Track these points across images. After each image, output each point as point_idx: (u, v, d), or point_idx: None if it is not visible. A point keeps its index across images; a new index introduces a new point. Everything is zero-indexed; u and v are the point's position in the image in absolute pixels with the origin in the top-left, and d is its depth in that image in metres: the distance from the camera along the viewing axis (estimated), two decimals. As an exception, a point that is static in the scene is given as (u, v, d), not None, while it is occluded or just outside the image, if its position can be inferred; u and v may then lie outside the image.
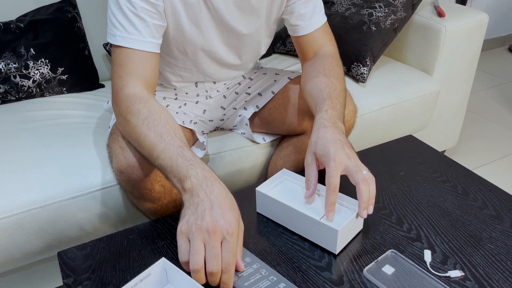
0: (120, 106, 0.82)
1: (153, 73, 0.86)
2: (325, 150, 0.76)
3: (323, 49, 0.99)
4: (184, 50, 0.96)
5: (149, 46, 0.83)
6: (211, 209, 0.65)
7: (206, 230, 0.64)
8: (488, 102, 2.31)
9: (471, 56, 1.55)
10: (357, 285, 0.68)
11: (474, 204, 0.84)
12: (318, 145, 0.77)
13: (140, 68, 0.83)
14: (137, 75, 0.83)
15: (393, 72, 1.50)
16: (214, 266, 0.63)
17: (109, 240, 0.78)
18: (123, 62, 0.83)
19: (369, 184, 0.74)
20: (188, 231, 0.65)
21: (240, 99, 1.15)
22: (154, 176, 0.87)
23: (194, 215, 0.66)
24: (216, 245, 0.63)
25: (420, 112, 1.48)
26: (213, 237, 0.63)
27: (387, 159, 0.99)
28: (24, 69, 1.25)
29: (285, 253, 0.74)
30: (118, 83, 0.83)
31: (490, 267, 0.71)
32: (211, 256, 0.63)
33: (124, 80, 0.82)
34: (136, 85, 0.82)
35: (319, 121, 0.81)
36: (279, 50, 1.62)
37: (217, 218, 0.64)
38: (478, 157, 1.87)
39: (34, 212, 0.96)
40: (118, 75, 0.83)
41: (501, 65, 2.73)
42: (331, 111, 0.83)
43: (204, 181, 0.68)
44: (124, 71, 0.83)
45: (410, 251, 0.74)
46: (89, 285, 0.69)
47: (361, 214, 0.73)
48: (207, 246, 0.64)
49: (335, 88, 0.88)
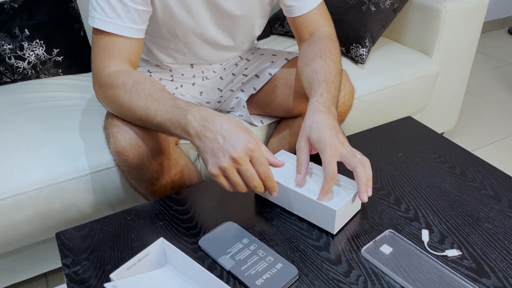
0: (104, 85, 0.81)
1: (136, 55, 0.85)
2: (320, 136, 0.75)
3: (319, 30, 0.98)
4: (174, 33, 0.95)
5: (128, 31, 0.82)
6: (225, 141, 0.68)
7: (232, 161, 0.67)
8: (487, 84, 2.30)
9: (471, 37, 1.54)
10: (355, 265, 0.68)
11: (472, 185, 0.85)
12: (312, 130, 0.76)
13: (123, 52, 0.83)
14: (120, 57, 0.82)
15: (392, 54, 1.49)
16: (255, 183, 0.69)
17: (107, 221, 0.78)
18: (106, 46, 0.82)
19: (365, 167, 0.74)
20: (220, 172, 0.68)
21: (237, 81, 1.13)
22: (152, 156, 0.86)
23: (214, 155, 0.68)
24: (248, 167, 0.67)
25: (419, 94, 1.47)
26: (241, 163, 0.67)
27: (386, 140, 0.98)
28: (19, 50, 1.24)
29: (283, 233, 0.75)
30: (99, 66, 0.82)
31: (487, 246, 0.71)
32: (248, 177, 0.68)
33: (106, 62, 0.82)
34: (118, 64, 0.82)
35: (313, 105, 0.80)
36: (277, 31, 1.61)
37: (235, 145, 0.67)
38: (477, 139, 1.87)
39: (31, 194, 0.96)
40: (100, 58, 0.82)
41: (500, 47, 2.71)
42: (326, 94, 0.82)
43: (204, 120, 0.70)
44: (106, 54, 0.82)
45: (408, 231, 0.74)
46: (87, 265, 0.69)
47: (362, 198, 0.73)
48: (241, 172, 0.68)
49: (330, 71, 0.86)
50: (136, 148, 0.84)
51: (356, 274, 0.67)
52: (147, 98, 0.77)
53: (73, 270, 0.69)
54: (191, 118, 0.71)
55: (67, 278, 0.67)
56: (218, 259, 0.69)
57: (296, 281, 0.66)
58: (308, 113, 0.80)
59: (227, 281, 0.66)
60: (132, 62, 0.84)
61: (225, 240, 0.72)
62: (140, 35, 0.84)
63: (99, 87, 0.83)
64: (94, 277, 0.67)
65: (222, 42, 1.01)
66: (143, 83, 0.78)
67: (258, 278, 0.65)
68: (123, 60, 0.83)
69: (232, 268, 0.67)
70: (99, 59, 0.83)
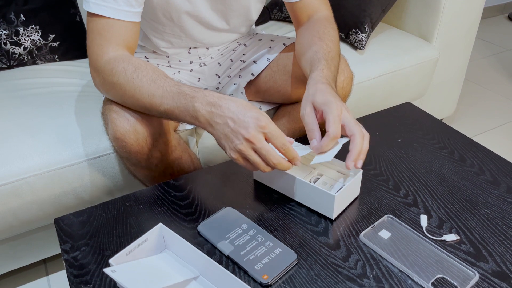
0: (103, 72, 0.80)
1: (133, 40, 0.84)
2: (325, 98, 0.73)
3: (317, 14, 0.97)
4: (170, 16, 0.94)
5: (124, 15, 0.80)
6: (235, 124, 0.67)
7: (247, 142, 0.67)
8: (486, 70, 2.29)
9: (471, 22, 1.53)
10: (354, 250, 0.69)
11: (471, 170, 0.85)
12: (317, 95, 0.75)
13: (120, 36, 0.81)
14: (117, 42, 0.81)
15: (391, 39, 1.48)
16: (274, 160, 0.67)
17: (105, 207, 0.78)
18: (102, 30, 0.80)
19: (364, 139, 0.72)
20: (238, 155, 0.68)
21: (235, 67, 1.13)
22: (151, 142, 0.86)
23: (228, 140, 0.68)
24: (262, 145, 0.67)
25: (419, 79, 1.47)
26: (256, 142, 0.66)
27: (385, 126, 0.98)
28: (14, 36, 1.22)
29: (282, 218, 0.75)
30: (97, 51, 0.81)
31: (486, 231, 0.71)
32: (265, 155, 0.67)
33: (104, 48, 0.80)
34: (117, 50, 0.81)
35: (315, 78, 0.79)
36: (275, 16, 1.59)
37: (247, 125, 0.67)
38: (476, 125, 1.86)
39: (29, 180, 0.96)
40: (97, 43, 0.81)
41: (500, 34, 2.70)
42: (327, 71, 0.81)
43: (212, 106, 0.70)
44: (103, 39, 0.80)
45: (406, 216, 0.75)
46: (86, 251, 0.69)
47: (348, 164, 0.71)
48: (257, 151, 0.67)
49: (329, 51, 0.86)
50: (135, 134, 0.83)
51: (355, 258, 0.67)
52: (150, 85, 0.75)
53: (72, 255, 0.69)
54: (199, 105, 0.70)
55: (66, 264, 0.67)
56: (217, 244, 0.69)
57: (295, 265, 0.66)
58: (309, 85, 0.78)
59: (226, 266, 0.66)
60: (130, 46, 0.83)
61: (224, 226, 0.72)
62: (137, 18, 0.83)
63: (98, 73, 0.82)
64: (93, 262, 0.67)
65: (217, 25, 1.00)
66: (144, 69, 0.77)
67: (257, 263, 0.65)
68: (120, 45, 0.81)
69: (231, 253, 0.67)
70: (96, 44, 0.81)
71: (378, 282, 0.63)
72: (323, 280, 0.64)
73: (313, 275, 0.65)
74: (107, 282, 0.64)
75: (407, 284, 0.63)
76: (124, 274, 0.59)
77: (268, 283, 0.63)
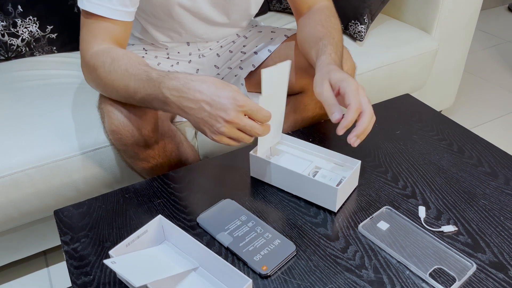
0: (88, 67, 0.80)
1: (124, 36, 0.83)
2: (341, 75, 0.73)
3: (318, 4, 0.97)
4: (169, 12, 0.93)
5: (118, 14, 0.80)
6: (212, 107, 0.66)
7: (228, 124, 0.66)
8: (486, 62, 2.28)
9: (471, 13, 1.52)
10: (352, 241, 0.69)
11: (469, 162, 0.85)
12: (332, 73, 0.74)
13: (109, 33, 0.81)
14: (104, 38, 0.80)
15: (391, 31, 1.47)
16: (258, 132, 0.68)
17: (105, 199, 0.78)
18: (92, 28, 0.80)
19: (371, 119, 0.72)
20: (221, 136, 0.68)
21: (236, 58, 1.12)
22: (147, 134, 0.86)
23: (207, 123, 0.67)
24: (246, 122, 0.66)
25: (418, 71, 1.46)
26: (237, 121, 0.66)
27: (384, 117, 0.98)
28: (12, 27, 1.22)
29: (281, 210, 0.75)
30: (84, 47, 0.81)
31: (483, 222, 0.72)
32: (249, 130, 0.67)
33: (90, 43, 0.80)
34: (101, 44, 0.80)
35: (325, 60, 0.78)
36: (275, 7, 1.58)
37: (225, 107, 0.65)
38: (475, 117, 1.87)
39: (29, 172, 0.96)
40: (86, 39, 0.81)
41: (500, 25, 2.69)
42: (334, 55, 0.80)
43: (180, 92, 0.68)
44: (92, 35, 0.80)
45: (405, 207, 0.75)
46: (86, 242, 0.70)
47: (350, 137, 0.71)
48: (241, 129, 0.67)
49: (333, 37, 0.86)
50: (131, 127, 0.83)
51: (353, 250, 0.67)
52: (124, 74, 0.75)
53: (72, 247, 0.69)
54: (166, 91, 0.69)
55: (66, 255, 0.68)
56: (216, 235, 0.69)
57: (294, 257, 0.67)
58: (321, 66, 0.77)
59: (226, 257, 0.67)
60: (119, 42, 0.82)
61: (223, 217, 0.72)
62: (130, 18, 0.82)
63: (85, 69, 0.82)
64: (93, 254, 0.68)
65: (217, 20, 1.00)
66: (120, 60, 0.76)
67: (256, 254, 0.66)
68: (106, 40, 0.81)
69: (231, 244, 0.67)
70: (84, 40, 0.81)
71: (376, 273, 0.64)
72: (322, 271, 0.64)
73: (312, 266, 0.65)
74: (107, 273, 0.65)
75: (405, 275, 0.64)
76: (124, 265, 0.59)
77: (267, 274, 0.63)
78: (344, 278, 0.63)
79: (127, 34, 0.84)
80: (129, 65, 0.75)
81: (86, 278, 0.64)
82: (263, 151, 0.80)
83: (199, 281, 0.63)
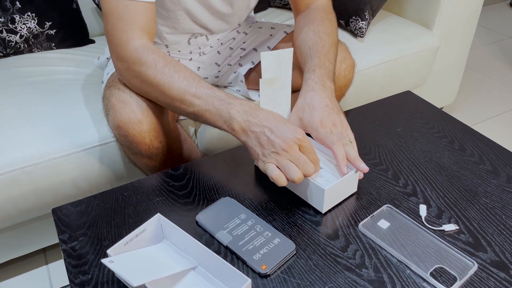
0: (129, 60, 0.78)
1: (153, 23, 0.82)
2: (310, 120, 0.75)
3: (315, 3, 0.97)
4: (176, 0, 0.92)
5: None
6: (273, 133, 0.69)
7: (283, 150, 0.68)
8: (487, 58, 2.27)
9: (472, 9, 1.51)
10: (352, 239, 0.68)
11: (471, 159, 0.84)
12: (305, 113, 0.76)
13: (142, 20, 0.79)
14: (141, 27, 0.79)
15: (392, 27, 1.46)
16: (309, 170, 0.68)
17: (103, 197, 0.78)
18: (123, 14, 0.78)
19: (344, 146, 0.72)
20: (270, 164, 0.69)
21: (235, 55, 1.11)
22: (153, 133, 0.85)
23: (263, 148, 0.69)
24: (299, 155, 0.68)
25: (419, 67, 1.46)
26: (291, 151, 0.68)
27: (385, 115, 0.97)
28: (10, 24, 1.21)
29: (281, 208, 0.74)
30: (121, 37, 0.78)
31: (485, 220, 0.71)
32: (301, 164, 0.68)
33: (129, 33, 0.78)
34: (142, 37, 0.79)
35: (307, 82, 0.80)
36: (275, 3, 1.57)
37: (283, 135, 0.68)
38: (476, 113, 1.86)
39: (27, 170, 0.95)
40: (120, 28, 0.78)
41: (501, 21, 2.67)
42: (319, 70, 0.81)
43: (248, 115, 0.71)
44: (126, 23, 0.78)
45: (405, 206, 0.74)
46: (84, 241, 0.69)
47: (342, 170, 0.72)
48: (293, 160, 0.68)
49: (323, 45, 0.85)
50: (139, 125, 0.83)
51: (354, 248, 0.67)
52: (182, 82, 0.75)
53: (70, 245, 0.68)
54: (235, 112, 0.71)
55: (64, 254, 0.67)
56: (215, 234, 0.69)
57: (294, 255, 0.66)
58: (301, 92, 0.79)
59: (225, 256, 0.66)
60: (151, 32, 0.81)
61: (223, 216, 0.71)
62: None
63: (121, 60, 0.79)
64: (91, 252, 0.67)
65: (221, 9, 0.99)
66: (176, 65, 0.76)
67: (256, 253, 0.65)
68: (144, 30, 0.79)
69: (230, 243, 0.67)
70: (118, 30, 0.78)
71: (377, 272, 0.63)
72: (322, 270, 0.64)
73: (311, 265, 0.65)
74: (105, 272, 0.64)
75: (405, 274, 0.63)
76: (122, 264, 0.58)
77: (266, 273, 0.63)
78: (344, 277, 0.63)
79: (155, 20, 0.83)
80: (188, 74, 0.76)
81: (84, 277, 0.64)
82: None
83: (198, 280, 0.62)
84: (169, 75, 0.76)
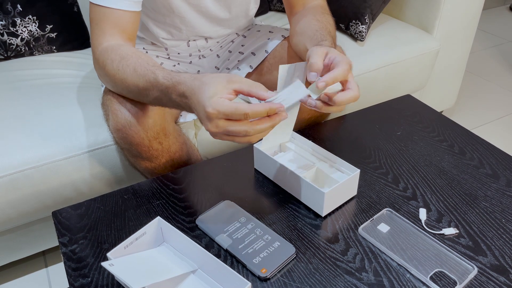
0: (97, 61, 0.81)
1: (132, 28, 0.83)
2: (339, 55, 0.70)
3: (312, 2, 0.97)
4: (170, 7, 0.93)
5: (126, 4, 0.80)
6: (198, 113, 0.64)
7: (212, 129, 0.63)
8: (487, 62, 2.27)
9: (472, 13, 1.51)
10: (352, 243, 0.68)
11: (471, 163, 0.84)
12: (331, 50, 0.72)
13: (117, 26, 0.81)
14: (113, 32, 0.81)
15: (392, 31, 1.46)
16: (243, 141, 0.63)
17: (104, 200, 0.78)
18: (100, 20, 0.80)
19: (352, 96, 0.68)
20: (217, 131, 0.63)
21: (233, 58, 1.12)
22: (152, 134, 0.86)
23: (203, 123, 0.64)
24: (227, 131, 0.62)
25: (419, 71, 1.46)
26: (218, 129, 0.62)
27: (385, 118, 0.98)
28: (11, 27, 1.21)
29: (281, 212, 0.74)
30: (94, 42, 0.81)
31: (485, 224, 0.71)
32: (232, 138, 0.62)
33: (100, 38, 0.81)
34: (110, 40, 0.80)
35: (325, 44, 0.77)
36: (275, 7, 1.58)
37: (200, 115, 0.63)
38: (476, 117, 1.86)
39: (27, 173, 0.95)
40: (95, 33, 0.81)
41: (501, 25, 2.68)
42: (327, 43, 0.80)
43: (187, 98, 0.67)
44: (100, 29, 0.80)
45: (405, 209, 0.74)
46: (84, 244, 0.69)
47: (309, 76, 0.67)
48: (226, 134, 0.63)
49: (329, 31, 0.86)
50: (136, 126, 0.83)
51: (353, 252, 0.67)
52: (132, 74, 0.75)
53: (70, 248, 0.68)
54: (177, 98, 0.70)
55: (64, 257, 0.67)
56: (215, 237, 0.69)
57: (294, 259, 0.66)
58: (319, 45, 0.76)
59: (225, 259, 0.66)
60: (128, 34, 0.82)
61: (223, 219, 0.71)
62: (137, 7, 0.82)
63: (96, 65, 0.82)
64: (91, 255, 0.67)
65: (218, 14, 0.99)
66: (129, 58, 0.77)
67: (256, 256, 0.65)
68: (116, 34, 0.81)
69: (230, 246, 0.67)
70: (94, 34, 0.82)
71: (377, 275, 0.63)
72: (322, 274, 0.64)
73: (311, 268, 0.65)
74: (105, 275, 0.64)
75: (405, 278, 0.63)
76: (122, 267, 0.58)
77: (266, 277, 0.63)
78: (344, 281, 0.63)
79: (135, 26, 0.84)
80: (137, 64, 0.75)
81: (84, 280, 0.64)
82: (267, 147, 0.80)
83: (198, 283, 0.62)
84: (123, 70, 0.76)
